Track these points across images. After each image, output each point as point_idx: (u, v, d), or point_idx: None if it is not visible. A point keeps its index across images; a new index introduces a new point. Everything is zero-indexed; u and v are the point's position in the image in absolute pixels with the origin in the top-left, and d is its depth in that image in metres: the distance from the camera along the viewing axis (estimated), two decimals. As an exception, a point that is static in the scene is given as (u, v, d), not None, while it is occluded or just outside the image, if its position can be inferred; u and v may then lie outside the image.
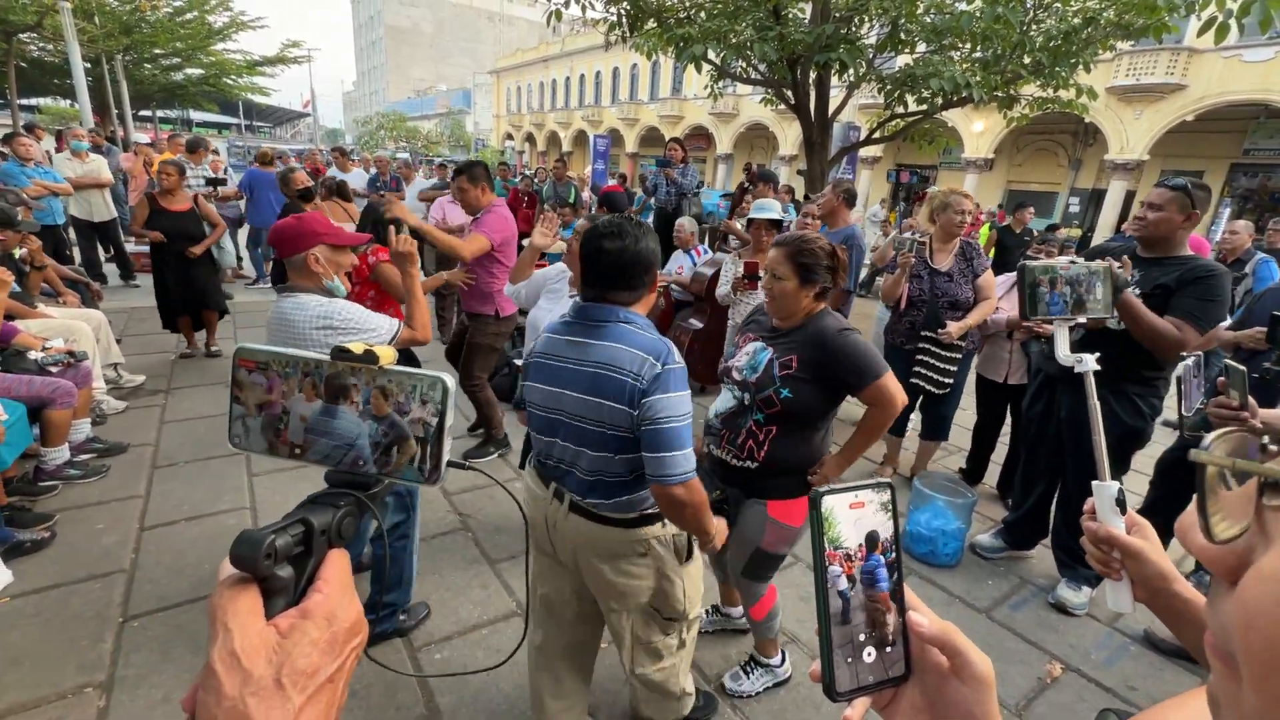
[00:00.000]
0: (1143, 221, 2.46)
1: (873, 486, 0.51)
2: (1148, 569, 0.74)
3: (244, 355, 0.51)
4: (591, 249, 1.49)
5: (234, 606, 0.39)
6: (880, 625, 0.50)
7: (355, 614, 0.42)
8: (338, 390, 0.49)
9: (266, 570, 0.40)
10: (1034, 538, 3.08)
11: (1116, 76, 16.02)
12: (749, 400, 1.88)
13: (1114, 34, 5.88)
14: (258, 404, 0.51)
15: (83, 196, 6.64)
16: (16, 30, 14.46)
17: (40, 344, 3.32)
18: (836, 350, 1.78)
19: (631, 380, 1.41)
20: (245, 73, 22.64)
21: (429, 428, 0.49)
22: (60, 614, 2.32)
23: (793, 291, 1.83)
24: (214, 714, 0.36)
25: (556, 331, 1.56)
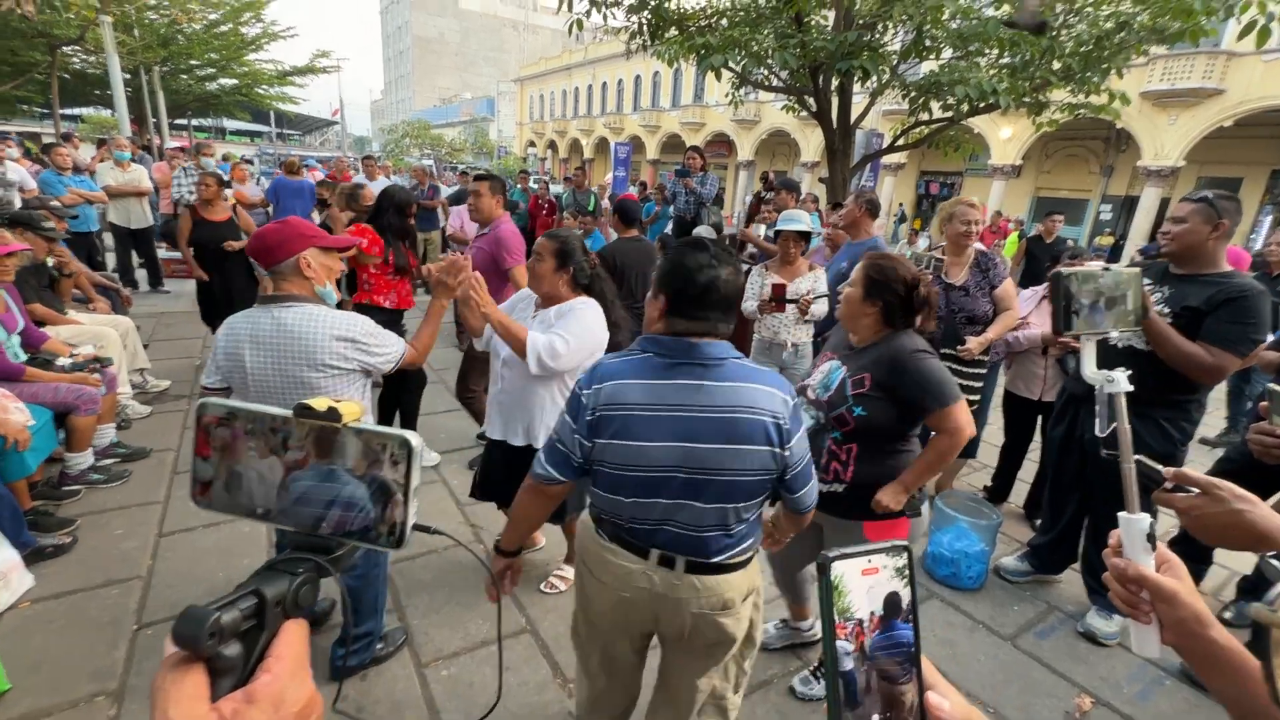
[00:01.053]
0: (1168, 237, 2.36)
1: (887, 551, 0.46)
2: (1181, 612, 0.68)
3: (208, 412, 0.48)
4: (708, 279, 1.33)
5: (176, 691, 0.36)
6: (896, 705, 0.45)
7: (306, 696, 0.39)
8: (307, 449, 0.47)
9: (210, 650, 0.37)
10: (1063, 562, 2.96)
11: (1150, 81, 15.62)
12: (824, 419, 1.90)
13: (1148, 38, 5.71)
14: (222, 462, 0.48)
15: (122, 204, 6.82)
16: (60, 43, 14.98)
17: (68, 351, 3.40)
18: (908, 371, 1.78)
19: (771, 419, 1.30)
20: (276, 82, 23.17)
21: (396, 488, 0.46)
22: (78, 620, 2.35)
23: (856, 300, 1.87)
24: None
25: (646, 375, 1.33)
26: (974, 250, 3.14)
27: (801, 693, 2.24)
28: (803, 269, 3.54)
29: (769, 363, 3.58)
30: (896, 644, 0.46)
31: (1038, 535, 3.07)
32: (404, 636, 2.38)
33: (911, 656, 0.46)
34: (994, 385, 3.39)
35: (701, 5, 7.02)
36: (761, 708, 2.20)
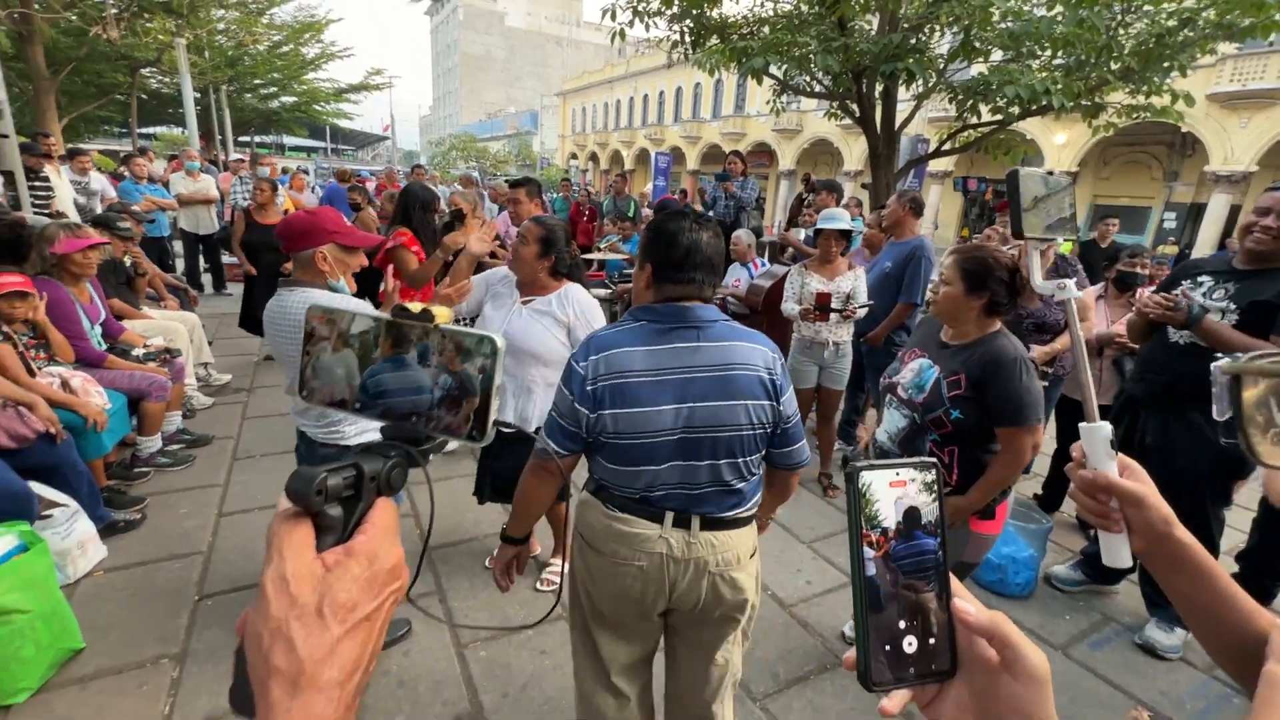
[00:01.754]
0: (1272, 234, 2.16)
1: (916, 465, 0.47)
2: (1149, 514, 0.67)
3: (315, 312, 0.53)
4: (690, 241, 1.36)
5: (289, 536, 0.41)
6: (921, 614, 0.46)
7: (396, 558, 0.44)
8: (398, 347, 0.51)
9: (317, 505, 0.42)
10: (1119, 572, 2.83)
11: (1219, 83, 14.87)
12: (920, 420, 1.86)
13: (1215, 35, 5.46)
14: (323, 359, 0.53)
15: (191, 211, 7.27)
16: (140, 65, 16.08)
17: (142, 341, 3.63)
18: (1004, 378, 1.73)
19: (766, 373, 1.38)
20: (333, 99, 24.29)
21: (479, 386, 0.49)
22: (145, 589, 2.50)
23: (958, 297, 1.81)
24: (260, 632, 0.38)
25: (644, 342, 1.35)
26: (1055, 255, 2.95)
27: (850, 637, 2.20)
28: (842, 268, 3.51)
29: (809, 361, 3.55)
30: (920, 553, 0.46)
31: (1091, 544, 2.95)
32: (407, 627, 2.37)
33: (936, 567, 0.47)
34: (1056, 398, 3.24)
35: (743, 14, 7.07)
36: (798, 702, 2.17)
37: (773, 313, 4.26)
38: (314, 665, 0.37)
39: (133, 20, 13.00)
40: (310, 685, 0.37)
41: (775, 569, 2.91)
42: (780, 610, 2.64)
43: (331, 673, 0.37)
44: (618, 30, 6.74)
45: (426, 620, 2.42)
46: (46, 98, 12.98)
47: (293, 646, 0.37)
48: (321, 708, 0.37)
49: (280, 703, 0.36)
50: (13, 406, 2.49)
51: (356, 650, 0.39)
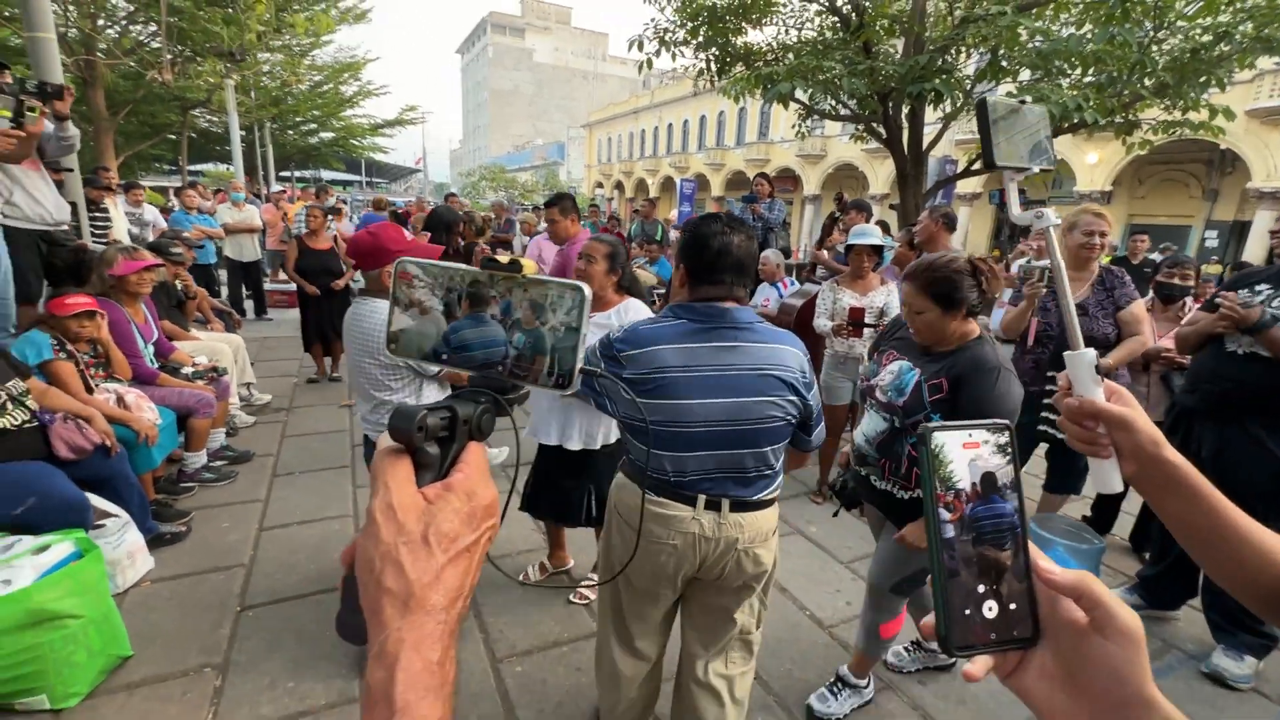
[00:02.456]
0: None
1: (988, 426, 0.46)
2: (1138, 437, 0.67)
3: (402, 269, 0.55)
4: (721, 243, 1.45)
5: (393, 469, 0.43)
6: (1000, 579, 0.45)
7: (492, 496, 0.46)
8: (480, 299, 0.52)
9: (418, 441, 0.44)
10: (1179, 597, 2.69)
11: (1259, 98, 14.54)
12: (900, 423, 1.84)
13: (1253, 49, 5.36)
14: (411, 314, 0.54)
15: (235, 240, 7.61)
16: (191, 105, 17.01)
17: (190, 360, 3.77)
18: (981, 383, 1.70)
19: (799, 374, 1.49)
20: (369, 134, 25.27)
21: (565, 335, 0.50)
22: (189, 599, 2.55)
23: (936, 321, 1.78)
24: (371, 556, 0.40)
25: (681, 340, 1.44)
26: (1099, 266, 2.83)
27: (819, 711, 2.10)
28: (875, 283, 3.49)
29: (844, 378, 3.51)
30: (997, 516, 0.45)
31: (1147, 567, 2.82)
32: None
33: (1014, 531, 0.45)
34: None
35: (768, 42, 7.20)
36: None
37: (805, 331, 4.24)
38: (422, 588, 0.39)
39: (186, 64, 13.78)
40: (419, 607, 0.38)
41: (813, 589, 2.84)
42: (820, 631, 2.57)
43: (437, 596, 0.39)
44: (645, 60, 6.92)
45: (463, 635, 2.41)
46: (105, 138, 13.77)
47: (402, 570, 0.39)
48: (431, 628, 0.38)
49: (392, 621, 0.38)
50: (72, 419, 2.59)
51: (459, 578, 0.41)
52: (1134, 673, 0.40)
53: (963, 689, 2.27)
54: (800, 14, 7.06)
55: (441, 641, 0.39)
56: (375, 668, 0.37)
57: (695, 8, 6.54)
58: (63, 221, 4.04)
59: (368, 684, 0.37)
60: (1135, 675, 0.40)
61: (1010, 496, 0.46)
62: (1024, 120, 0.81)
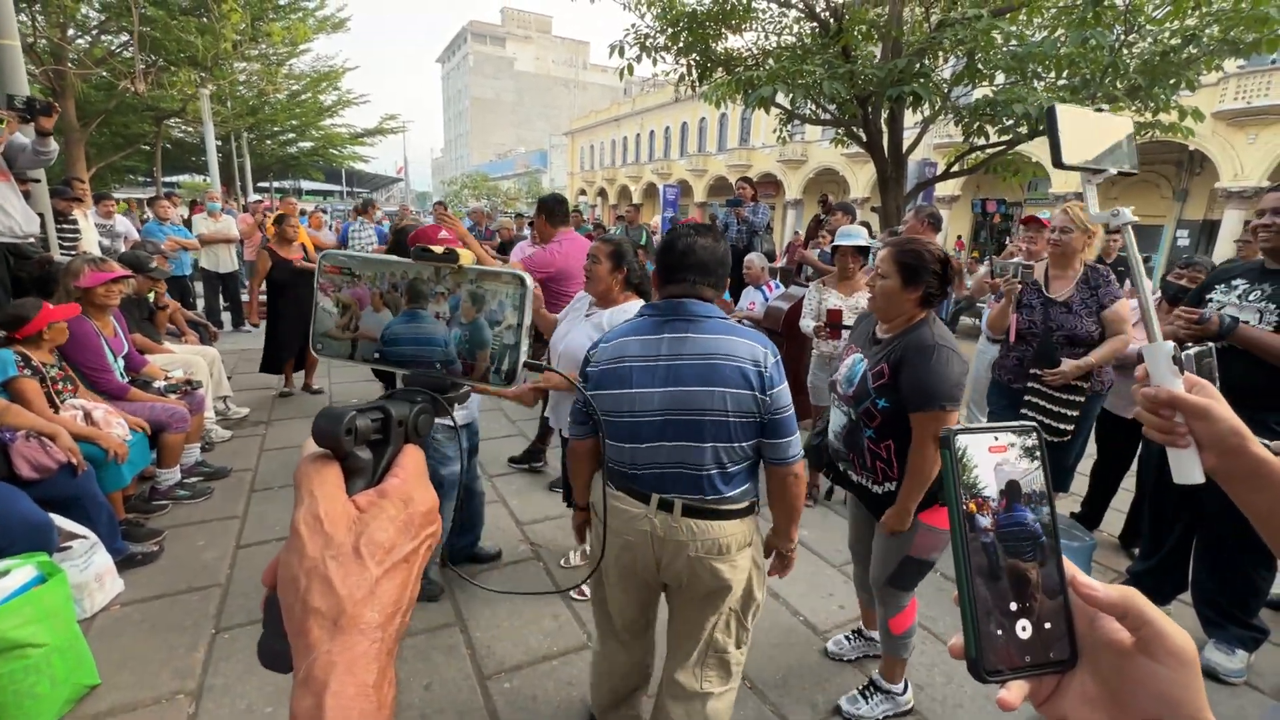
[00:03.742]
0: (1273, 230, 2.18)
1: (1015, 429, 0.42)
2: (1218, 427, 0.64)
3: (330, 262, 0.51)
4: (685, 244, 1.54)
5: (319, 477, 0.39)
6: (1034, 595, 0.40)
7: (431, 501, 0.42)
8: (418, 295, 0.48)
9: (347, 446, 0.40)
10: (1169, 592, 2.69)
11: (1223, 101, 14.95)
12: (855, 415, 1.88)
13: (1220, 52, 5.48)
14: (340, 311, 0.50)
15: (211, 250, 7.46)
16: (165, 115, 16.72)
17: (164, 374, 3.66)
18: (917, 362, 1.72)
19: (751, 365, 1.45)
20: (349, 143, 25.04)
21: (507, 329, 0.46)
22: (162, 622, 2.45)
23: (894, 291, 1.82)
24: (295, 573, 0.36)
25: (642, 332, 1.52)
26: (1084, 264, 2.82)
27: (848, 712, 2.09)
28: (861, 284, 3.48)
29: (829, 377, 3.49)
30: (1027, 526, 0.41)
31: (1138, 562, 2.82)
32: (439, 590, 2.62)
33: (1047, 542, 0.41)
34: (1093, 418, 3.02)
35: (748, 47, 7.24)
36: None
37: (794, 334, 4.23)
38: (354, 605, 0.35)
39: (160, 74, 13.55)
40: (351, 625, 0.34)
41: (807, 594, 2.81)
42: (815, 637, 2.54)
43: (371, 613, 0.35)
44: (626, 66, 6.91)
45: (449, 652, 2.34)
46: (77, 149, 13.48)
47: (331, 586, 0.35)
48: (364, 648, 0.34)
49: (320, 643, 0.34)
50: (36, 437, 2.49)
51: (396, 591, 0.37)
52: (1187, 697, 0.36)
53: (959, 692, 2.25)
54: (779, 19, 7.12)
55: (377, 661, 0.35)
56: (302, 695, 0.33)
57: (675, 14, 6.56)
58: (31, 234, 3.91)
59: (293, 713, 0.33)
60: (1189, 699, 0.36)
61: (1041, 505, 0.42)
62: (1094, 123, 0.81)
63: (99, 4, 13.27)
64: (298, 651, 0.35)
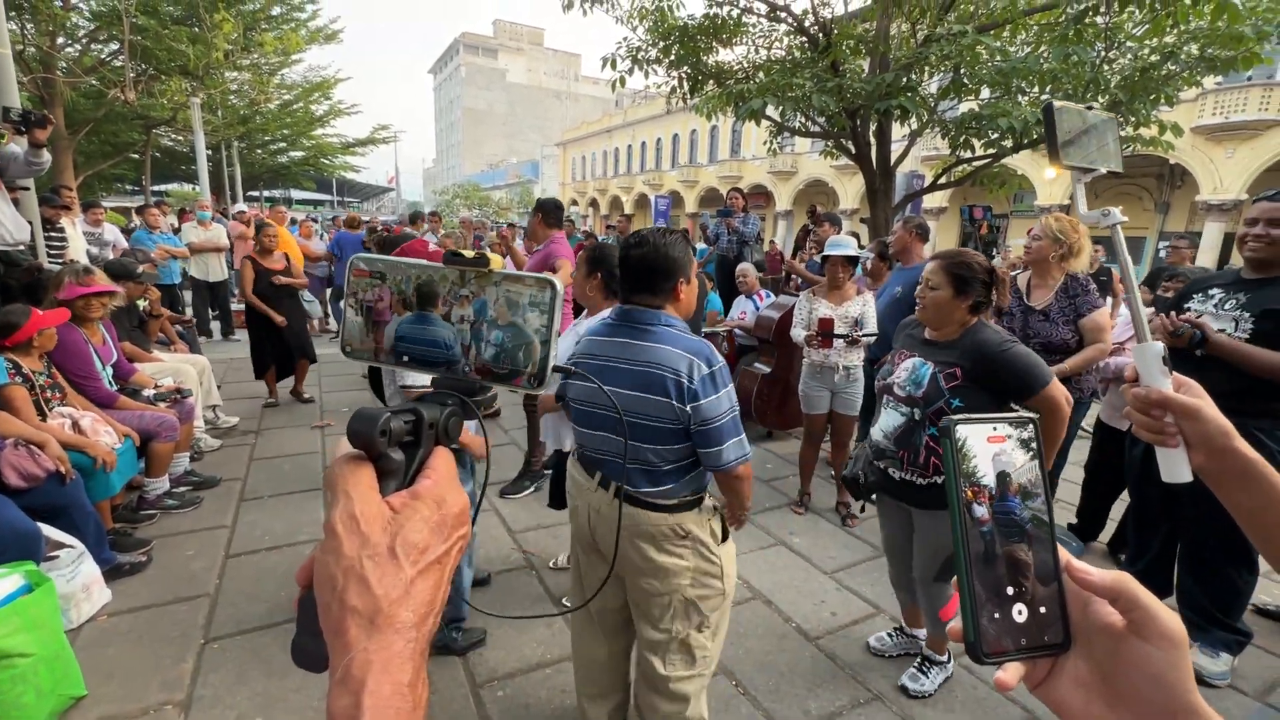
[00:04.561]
0: (1264, 240, 2.19)
1: (1012, 420, 0.44)
2: (1208, 427, 0.66)
3: (358, 265, 0.52)
4: (620, 256, 1.66)
5: (354, 477, 0.40)
6: (1029, 580, 0.42)
7: (463, 503, 0.43)
8: (446, 299, 0.49)
9: (381, 447, 0.41)
10: (1156, 595, 2.73)
11: (1201, 116, 15.29)
12: (919, 415, 1.94)
13: (1198, 68, 5.63)
14: (369, 313, 0.51)
15: (201, 259, 7.42)
16: (155, 124, 16.64)
17: (153, 383, 3.64)
18: (1002, 362, 1.85)
19: (672, 376, 1.51)
20: (340, 153, 25.01)
21: (537, 333, 0.48)
22: (149, 633, 2.42)
23: (946, 301, 1.92)
24: (333, 572, 0.36)
25: (600, 334, 1.66)
26: (1065, 275, 2.88)
27: (914, 690, 2.23)
28: (851, 294, 3.53)
29: (821, 387, 3.53)
30: (1023, 514, 0.43)
31: (1124, 567, 2.86)
32: (484, 634, 2.47)
33: (1042, 529, 0.43)
34: (1076, 425, 3.03)
35: (738, 60, 7.34)
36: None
37: (785, 342, 4.27)
38: (390, 604, 0.36)
39: (150, 83, 13.51)
40: (388, 625, 0.35)
41: (798, 601, 2.82)
42: (806, 644, 2.55)
43: (407, 613, 0.36)
44: (618, 78, 6.99)
45: (441, 660, 2.33)
46: (64, 157, 13.37)
47: (368, 585, 0.36)
48: (400, 647, 0.35)
49: (358, 641, 0.34)
50: (24, 445, 2.47)
51: (430, 592, 0.38)
52: (1178, 678, 0.38)
53: (950, 696, 2.26)
54: (769, 34, 7.22)
55: (412, 661, 0.35)
56: (340, 694, 0.34)
57: (667, 27, 6.65)
58: (22, 241, 3.90)
59: (331, 712, 0.34)
60: (1179, 681, 0.38)
61: (1037, 492, 0.43)
62: (1089, 123, 0.82)
63: (89, 13, 13.23)
64: (334, 650, 0.35)
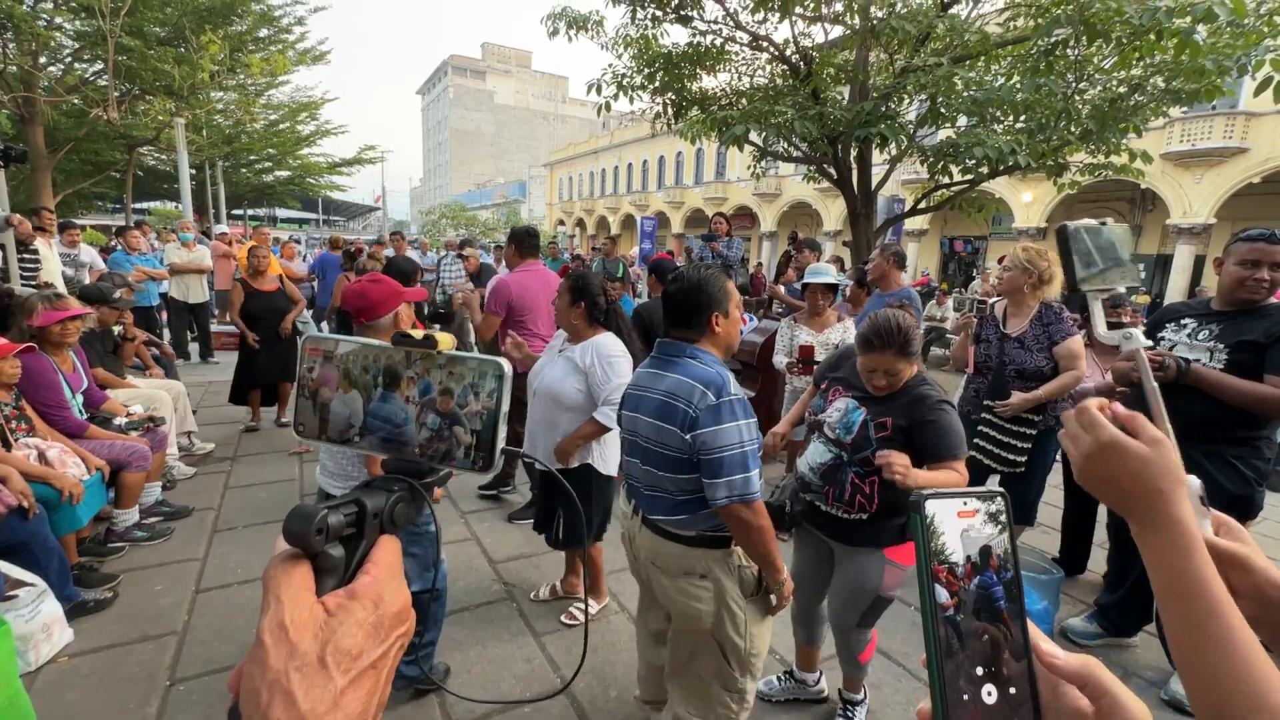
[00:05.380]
0: (1265, 284, 2.21)
1: (980, 495, 0.44)
2: (1255, 577, 0.60)
3: (311, 343, 0.51)
4: (665, 293, 1.73)
5: (287, 579, 0.38)
6: (999, 660, 0.42)
7: (403, 601, 0.41)
8: (395, 378, 0.49)
9: (318, 546, 0.39)
10: (1135, 623, 2.74)
11: (1170, 143, 15.78)
12: (846, 458, 1.92)
13: (1164, 100, 5.82)
14: (319, 392, 0.51)
15: (181, 280, 7.32)
16: (138, 143, 16.53)
17: (124, 410, 3.55)
18: (930, 421, 1.84)
19: (684, 406, 1.55)
20: (326, 173, 24.98)
21: (485, 414, 0.47)
22: (113, 674, 2.33)
23: (905, 373, 1.91)
24: (257, 686, 0.34)
25: (644, 366, 1.75)
26: (1040, 303, 2.92)
27: (762, 693, 2.23)
28: (832, 320, 3.56)
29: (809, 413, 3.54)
30: (993, 591, 0.43)
31: (1104, 594, 2.87)
32: (447, 667, 2.44)
33: (1012, 607, 0.43)
34: (1051, 453, 3.04)
35: (722, 87, 7.47)
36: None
37: (768, 367, 4.29)
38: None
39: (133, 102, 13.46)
40: None
41: (782, 632, 2.79)
42: (790, 676, 2.51)
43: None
44: (603, 103, 7.08)
45: (416, 702, 2.27)
46: (43, 175, 13.24)
47: (293, 701, 0.34)
48: None
49: None
50: (-15, 480, 2.39)
51: (362, 702, 0.36)
52: None
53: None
54: (752, 62, 7.37)
55: None
56: None
57: (651, 54, 6.76)
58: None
59: None
60: None
61: (1007, 569, 0.43)
62: (1104, 239, 0.81)
63: (74, 32, 13.18)
64: None
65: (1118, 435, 0.60)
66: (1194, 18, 4.32)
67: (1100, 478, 0.62)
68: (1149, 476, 0.58)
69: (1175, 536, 0.56)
